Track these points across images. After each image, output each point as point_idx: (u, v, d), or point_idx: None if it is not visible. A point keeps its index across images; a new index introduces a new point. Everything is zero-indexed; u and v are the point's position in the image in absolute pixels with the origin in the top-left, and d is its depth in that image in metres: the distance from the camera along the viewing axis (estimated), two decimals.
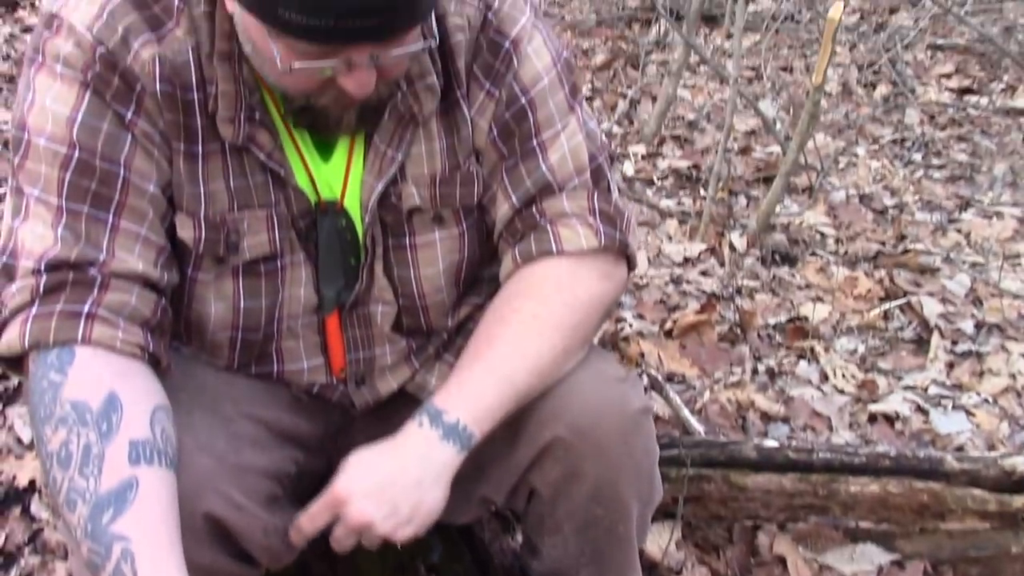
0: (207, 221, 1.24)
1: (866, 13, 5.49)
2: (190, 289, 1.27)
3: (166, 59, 1.17)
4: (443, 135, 1.31)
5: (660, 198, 3.55)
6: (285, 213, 1.27)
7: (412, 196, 1.31)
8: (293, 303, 1.32)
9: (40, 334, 1.12)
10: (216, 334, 1.31)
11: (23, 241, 1.16)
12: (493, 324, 1.28)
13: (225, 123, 1.20)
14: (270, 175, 1.25)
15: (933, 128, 4.16)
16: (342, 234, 1.31)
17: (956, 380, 2.54)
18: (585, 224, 1.30)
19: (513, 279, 1.32)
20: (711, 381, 2.52)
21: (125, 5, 1.17)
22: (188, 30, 1.18)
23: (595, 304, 1.31)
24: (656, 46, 4.96)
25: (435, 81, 1.26)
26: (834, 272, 3.03)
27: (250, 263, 1.28)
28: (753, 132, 4.05)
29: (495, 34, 1.28)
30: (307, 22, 1.02)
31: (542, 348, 1.25)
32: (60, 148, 1.15)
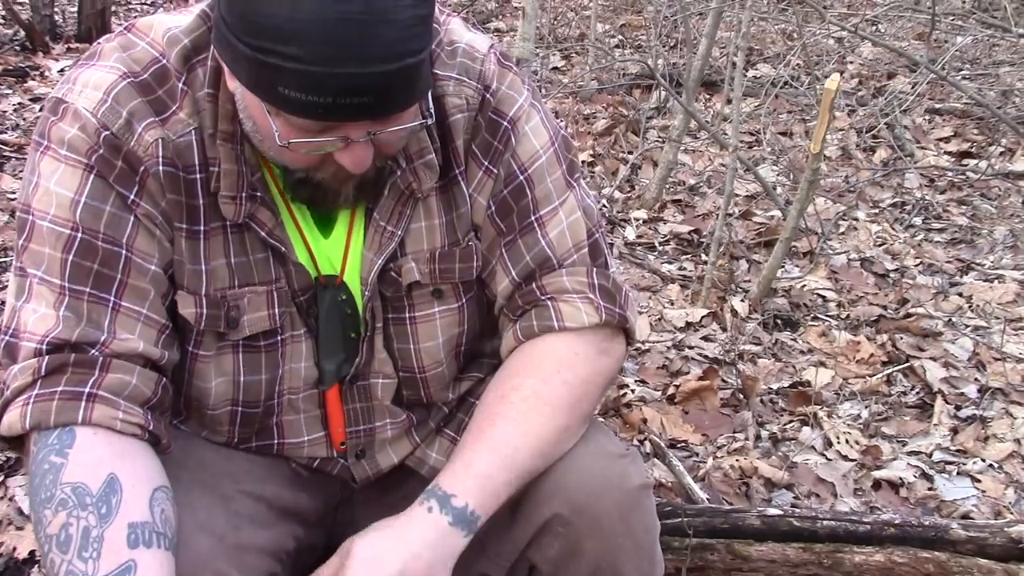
0: (208, 298, 1.25)
1: (864, 78, 5.56)
2: (191, 365, 1.28)
3: (170, 141, 1.20)
4: (443, 212, 1.33)
5: (662, 263, 3.57)
6: (286, 289, 1.29)
7: (412, 271, 1.32)
8: (294, 377, 1.33)
9: (41, 416, 1.13)
10: (216, 409, 1.32)
11: (26, 321, 1.17)
12: (495, 402, 1.28)
13: (227, 202, 1.22)
14: (271, 252, 1.27)
15: (933, 192, 4.18)
16: (342, 308, 1.33)
17: (960, 445, 2.53)
18: (586, 300, 1.32)
19: (514, 356, 1.33)
20: (714, 447, 2.51)
21: (129, 90, 1.19)
22: (191, 113, 1.21)
23: (595, 381, 1.32)
24: (656, 112, 5.01)
25: (434, 159, 1.28)
26: (836, 336, 3.03)
27: (250, 339, 1.29)
28: (753, 197, 4.07)
29: (493, 114, 1.30)
30: (306, 99, 1.04)
31: (545, 427, 1.26)
32: (63, 230, 1.17)
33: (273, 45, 1.02)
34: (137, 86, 1.20)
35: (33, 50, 5.77)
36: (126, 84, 1.19)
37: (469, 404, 1.46)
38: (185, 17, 1.25)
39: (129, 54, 1.22)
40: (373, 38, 1.02)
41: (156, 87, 1.21)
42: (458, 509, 1.19)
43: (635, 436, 2.52)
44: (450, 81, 1.30)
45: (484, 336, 1.46)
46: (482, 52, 1.33)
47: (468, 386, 1.47)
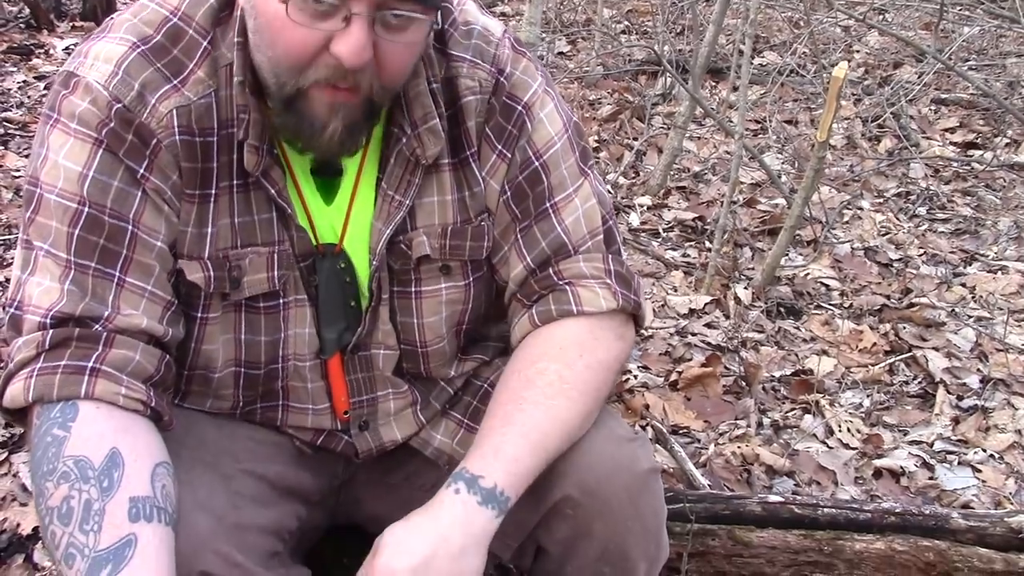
0: (212, 260, 1.25)
1: (870, 67, 5.54)
2: (200, 331, 1.28)
3: (187, 106, 1.19)
4: (455, 189, 1.33)
5: (665, 249, 3.57)
6: (289, 251, 1.28)
7: (423, 245, 1.32)
8: (298, 343, 1.33)
9: (44, 389, 1.13)
10: (222, 371, 1.32)
11: (30, 294, 1.17)
12: (521, 386, 1.27)
13: (251, 151, 1.21)
14: (276, 213, 1.27)
15: (937, 182, 4.17)
16: (341, 277, 1.32)
17: (962, 435, 2.53)
18: (603, 285, 1.32)
19: (533, 340, 1.33)
20: (716, 434, 2.51)
21: (141, 60, 1.19)
22: (210, 73, 1.21)
23: (613, 365, 1.33)
24: (662, 99, 5.00)
25: (438, 124, 1.27)
26: (839, 325, 3.03)
27: (251, 299, 1.29)
28: (758, 184, 4.07)
29: (508, 98, 1.30)
30: None
31: (571, 412, 1.26)
32: (70, 204, 1.17)
33: None
34: (150, 51, 1.19)
35: (38, 28, 5.75)
36: (137, 55, 1.19)
37: (476, 387, 1.46)
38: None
39: (140, 18, 1.22)
40: None
41: (170, 47, 1.20)
42: (487, 489, 1.18)
43: (637, 422, 2.52)
44: (464, 63, 1.30)
45: (490, 320, 1.46)
46: (497, 36, 1.33)
47: (472, 367, 1.47)
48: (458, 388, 1.47)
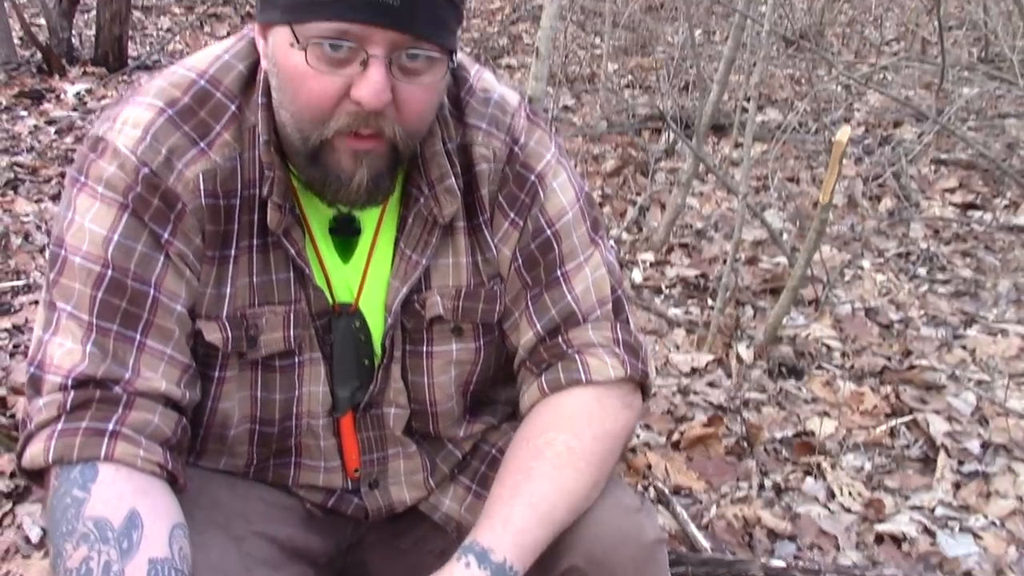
0: (230, 320, 1.27)
1: (871, 126, 5.60)
2: (217, 389, 1.30)
3: (213, 171, 1.22)
4: (469, 252, 1.35)
5: (668, 306, 3.59)
6: (305, 311, 1.30)
7: (436, 305, 1.34)
8: (311, 400, 1.35)
9: (64, 450, 1.14)
10: (237, 428, 1.33)
11: (52, 355, 1.19)
12: (529, 457, 1.29)
13: (275, 209, 1.23)
14: (293, 273, 1.29)
15: (938, 242, 4.20)
16: (356, 336, 1.34)
17: (963, 501, 2.54)
18: (611, 354, 1.34)
19: (541, 409, 1.34)
20: (718, 496, 2.52)
21: (168, 125, 1.22)
22: (236, 136, 1.24)
23: (620, 435, 1.34)
24: (666, 154, 5.06)
25: (454, 184, 1.30)
26: (840, 387, 3.05)
27: (267, 358, 1.31)
28: (760, 242, 4.10)
29: (521, 167, 1.33)
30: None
31: (579, 483, 1.27)
32: (94, 267, 1.19)
33: None
34: (177, 114, 1.22)
35: (50, 73, 5.83)
36: (165, 120, 1.22)
37: (484, 452, 1.48)
38: (233, 42, 1.29)
39: (169, 82, 1.25)
40: None
41: (197, 108, 1.23)
42: (496, 564, 1.19)
43: (639, 482, 2.53)
44: (480, 131, 1.33)
45: (498, 383, 1.48)
46: (513, 106, 1.36)
47: (481, 431, 1.49)
48: (466, 452, 1.49)
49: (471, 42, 6.75)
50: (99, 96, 5.58)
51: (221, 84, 1.25)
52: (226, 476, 1.38)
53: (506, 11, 8.11)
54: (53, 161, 4.60)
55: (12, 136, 4.92)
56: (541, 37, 3.45)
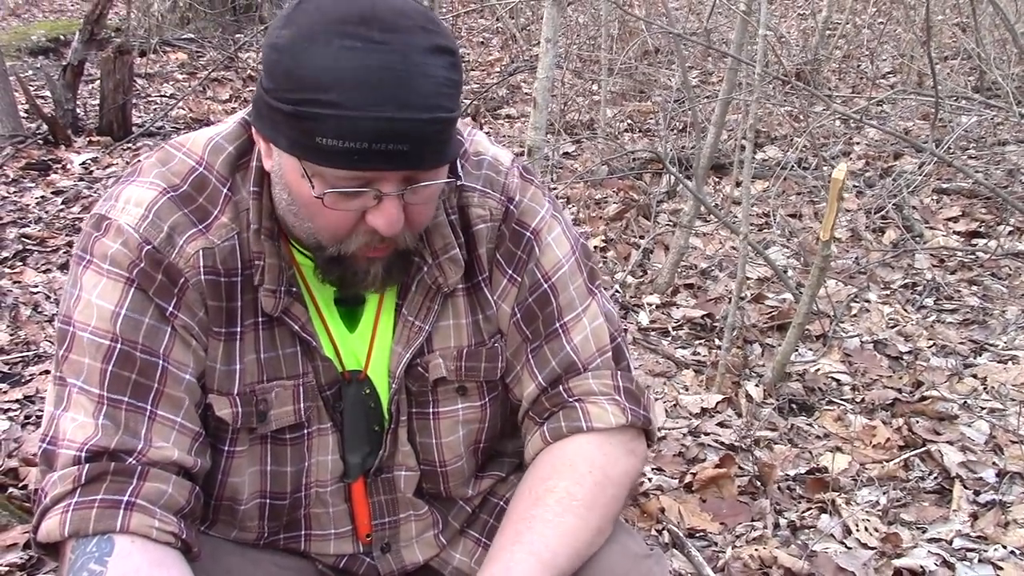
0: (240, 396, 1.29)
1: (871, 159, 5.63)
2: (227, 464, 1.32)
3: (212, 249, 1.25)
4: (469, 312, 1.37)
5: (675, 348, 3.60)
6: (313, 383, 1.32)
7: (439, 367, 1.36)
8: (320, 470, 1.36)
9: (80, 523, 1.15)
10: (248, 503, 1.34)
11: (65, 429, 1.21)
12: (530, 504, 1.29)
13: (268, 295, 1.26)
14: (300, 347, 1.31)
15: (943, 272, 4.21)
16: (366, 403, 1.36)
17: (980, 531, 2.52)
18: (612, 401, 1.36)
19: (544, 457, 1.35)
20: (732, 537, 2.51)
21: (170, 205, 1.25)
22: (233, 217, 1.27)
23: (623, 480, 1.35)
24: (667, 196, 5.09)
25: (458, 254, 1.33)
26: (852, 421, 3.04)
27: (277, 432, 1.32)
28: (765, 280, 4.11)
29: (517, 224, 1.36)
30: (343, 146, 1.09)
31: (581, 529, 1.28)
32: (103, 341, 1.21)
33: (313, 95, 1.08)
34: (177, 199, 1.26)
35: (55, 144, 5.90)
36: (166, 199, 1.25)
37: (493, 504, 1.48)
38: (225, 126, 1.32)
39: (168, 168, 1.28)
40: (410, 88, 1.08)
41: (196, 196, 1.27)
42: None
43: (653, 526, 2.52)
44: (475, 192, 1.36)
45: (505, 436, 1.49)
46: (506, 165, 1.39)
47: (489, 485, 1.50)
48: (476, 506, 1.50)
49: (470, 94, 6.83)
50: (105, 165, 5.65)
51: (214, 168, 1.28)
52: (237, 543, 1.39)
53: (504, 62, 8.20)
54: (61, 231, 4.65)
55: (20, 208, 4.98)
56: (538, 87, 3.49)
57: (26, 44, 8.64)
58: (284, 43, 1.11)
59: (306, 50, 1.09)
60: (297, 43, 1.10)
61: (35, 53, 8.55)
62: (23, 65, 7.87)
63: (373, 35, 1.07)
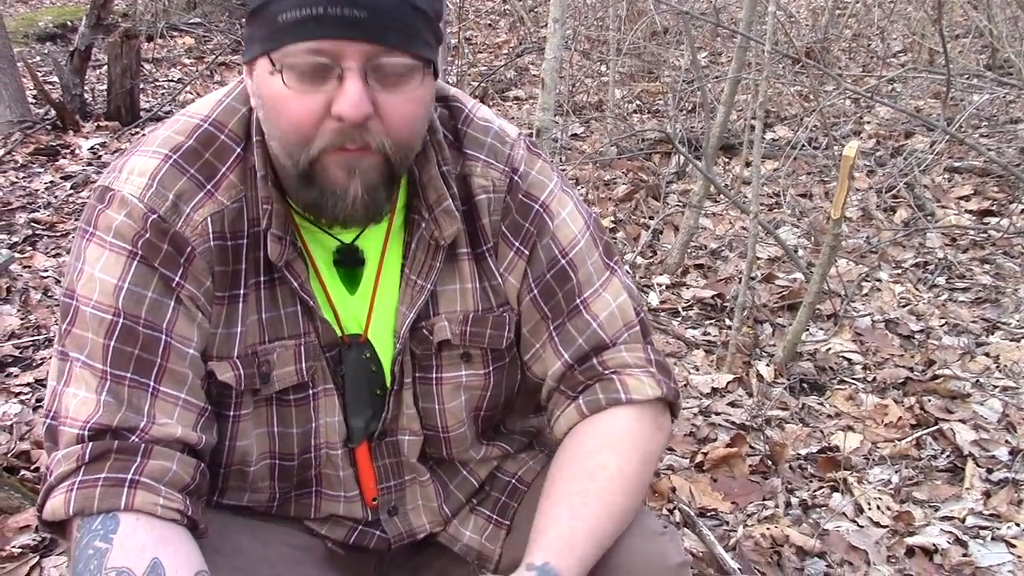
0: (241, 359, 1.28)
1: (882, 138, 5.59)
2: (233, 428, 1.31)
3: (221, 212, 1.24)
4: (476, 278, 1.36)
5: (686, 328, 3.58)
6: (315, 343, 1.31)
7: (444, 330, 1.35)
8: (328, 431, 1.35)
9: (85, 502, 1.15)
10: (257, 464, 1.34)
11: (67, 405, 1.20)
12: (584, 479, 1.28)
13: (275, 241, 1.24)
14: (300, 306, 1.30)
15: (955, 251, 4.18)
16: (367, 366, 1.35)
17: (993, 509, 2.51)
18: (647, 373, 1.35)
19: (587, 429, 1.34)
20: (744, 516, 2.50)
21: (174, 171, 1.23)
22: (241, 177, 1.26)
23: (656, 455, 1.36)
24: (676, 176, 5.06)
25: (451, 205, 1.31)
26: (863, 400, 3.03)
27: (281, 393, 1.32)
28: (775, 259, 4.09)
29: (525, 197, 1.35)
30: (301, 15, 1.11)
31: (628, 505, 1.28)
32: (106, 315, 1.20)
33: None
34: (182, 158, 1.24)
35: (64, 129, 5.91)
36: (170, 166, 1.24)
37: (504, 482, 1.48)
38: (232, 87, 1.31)
39: (173, 129, 1.27)
40: None
41: (202, 151, 1.25)
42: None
43: (664, 505, 2.51)
44: (478, 162, 1.34)
45: (513, 413, 1.48)
46: (512, 137, 1.38)
47: (495, 459, 1.49)
48: (482, 480, 1.49)
49: (478, 76, 6.80)
50: (113, 150, 5.65)
51: (226, 127, 1.27)
52: (247, 520, 1.38)
53: (511, 44, 8.17)
54: (70, 216, 4.65)
55: (29, 193, 4.98)
56: (546, 68, 3.47)
57: (33, 30, 8.64)
58: None
59: None
60: None
61: (42, 39, 8.55)
62: (31, 51, 7.88)
63: None
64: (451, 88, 1.40)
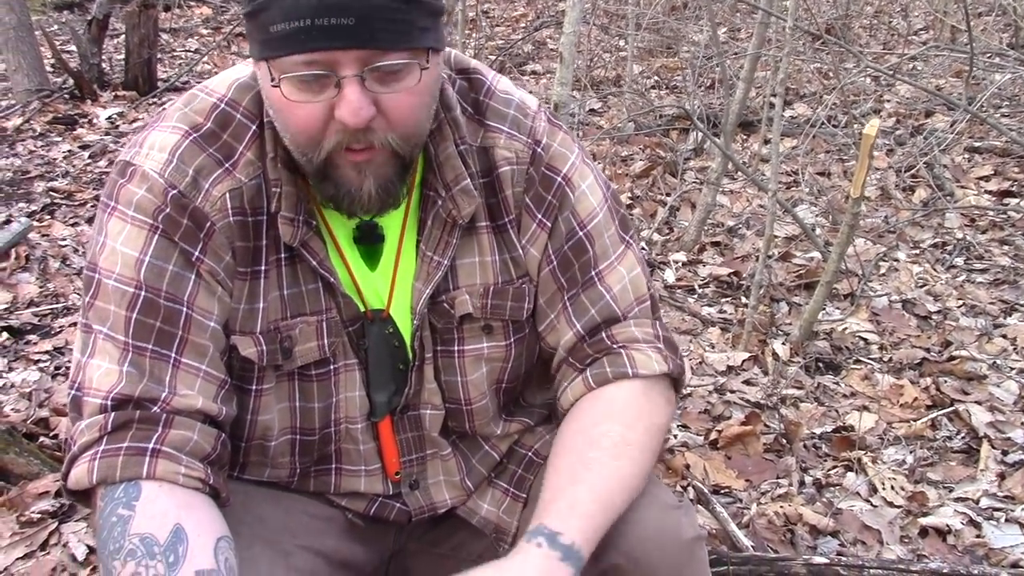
0: (264, 335, 1.29)
1: (902, 117, 5.55)
2: (255, 403, 1.32)
3: (239, 188, 1.25)
4: (496, 250, 1.37)
5: (702, 306, 3.58)
6: (336, 319, 1.32)
7: (465, 303, 1.36)
8: (349, 406, 1.36)
9: (108, 470, 1.16)
10: (278, 439, 1.35)
11: (91, 376, 1.21)
12: (586, 446, 1.29)
13: (285, 223, 1.25)
14: (321, 282, 1.31)
15: (974, 231, 4.16)
16: (390, 341, 1.36)
17: (1008, 491, 2.50)
18: (655, 349, 1.36)
19: (591, 401, 1.35)
20: (758, 494, 2.51)
21: (193, 147, 1.24)
22: (259, 154, 1.26)
23: (664, 427, 1.36)
24: (694, 153, 5.04)
25: (469, 184, 1.31)
26: (879, 380, 3.02)
27: (303, 368, 1.33)
28: (792, 238, 4.08)
29: (547, 169, 1.35)
30: (290, 27, 1.10)
31: (635, 472, 1.28)
32: (127, 288, 1.21)
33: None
34: (202, 138, 1.25)
35: (82, 98, 5.92)
36: (190, 142, 1.24)
37: (521, 455, 1.49)
38: (248, 67, 1.31)
39: (191, 108, 1.28)
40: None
41: (220, 132, 1.26)
42: (566, 546, 1.19)
43: (678, 482, 2.52)
44: (501, 134, 1.34)
45: (532, 385, 1.49)
46: (533, 109, 1.38)
47: (516, 432, 1.50)
48: (503, 454, 1.50)
49: (496, 50, 6.77)
50: (130, 119, 5.66)
51: (240, 105, 1.28)
52: (269, 490, 1.40)
53: (529, 17, 8.12)
54: (88, 185, 4.67)
55: (47, 162, 5.00)
56: (564, 42, 3.45)
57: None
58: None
59: None
60: None
61: (60, 8, 8.55)
62: (48, 20, 7.88)
63: None
64: (471, 60, 1.40)
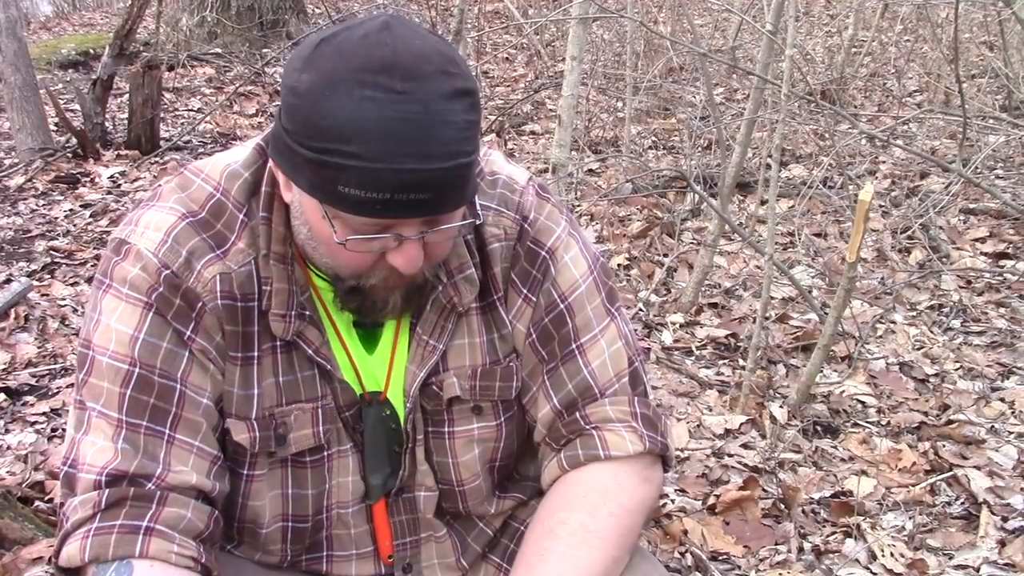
0: (258, 421, 1.29)
1: (897, 178, 5.59)
2: (247, 488, 1.32)
3: (229, 274, 1.25)
4: (484, 331, 1.37)
5: (699, 368, 3.58)
6: (331, 406, 1.32)
7: (453, 386, 1.36)
8: (341, 491, 1.36)
9: (100, 549, 1.16)
10: (270, 526, 1.35)
11: (85, 453, 1.22)
12: (543, 537, 1.29)
13: (277, 320, 1.27)
14: (317, 370, 1.31)
15: (970, 293, 4.17)
16: (387, 423, 1.36)
17: (1008, 559, 2.48)
18: (629, 428, 1.35)
19: (558, 488, 1.35)
20: (756, 560, 2.49)
21: (188, 230, 1.26)
22: (250, 243, 1.27)
23: (639, 510, 1.34)
24: (691, 214, 5.07)
25: (473, 273, 1.33)
26: (877, 444, 3.01)
27: (297, 455, 1.33)
28: (790, 299, 4.09)
29: (532, 243, 1.36)
30: (365, 196, 1.09)
31: (595, 561, 1.27)
32: (122, 365, 1.22)
33: (335, 145, 1.07)
34: (196, 224, 1.26)
35: (84, 157, 5.96)
36: (185, 224, 1.26)
37: (514, 529, 1.48)
38: (241, 151, 1.32)
39: (187, 194, 1.29)
40: (430, 137, 1.07)
41: (214, 222, 1.28)
42: None
43: (676, 548, 2.50)
44: (489, 211, 1.36)
45: (526, 458, 1.49)
46: (521, 184, 1.39)
47: (511, 507, 1.49)
48: (496, 530, 1.49)
49: (495, 110, 6.84)
50: (132, 178, 5.69)
51: (230, 195, 1.29)
52: (259, 569, 1.39)
53: (529, 78, 8.21)
54: (88, 244, 4.69)
55: (48, 221, 5.02)
56: (563, 105, 3.50)
57: (56, 58, 8.75)
58: (304, 88, 1.10)
59: (327, 99, 1.07)
60: (317, 90, 1.08)
61: (65, 67, 8.65)
62: (53, 79, 7.97)
63: (395, 85, 1.06)
64: None
